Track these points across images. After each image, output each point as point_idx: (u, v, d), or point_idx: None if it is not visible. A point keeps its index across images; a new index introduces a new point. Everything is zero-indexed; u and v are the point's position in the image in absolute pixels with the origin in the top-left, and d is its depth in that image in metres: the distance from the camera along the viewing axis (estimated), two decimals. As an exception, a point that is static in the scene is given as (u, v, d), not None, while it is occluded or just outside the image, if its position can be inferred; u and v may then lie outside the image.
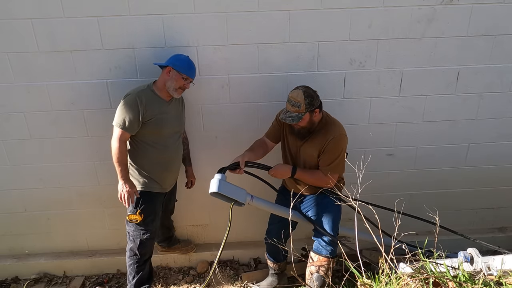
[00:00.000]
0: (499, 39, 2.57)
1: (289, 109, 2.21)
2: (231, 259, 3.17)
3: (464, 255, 1.74)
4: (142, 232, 2.43)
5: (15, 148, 2.69)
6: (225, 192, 2.08)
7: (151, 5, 2.34)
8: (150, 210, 2.42)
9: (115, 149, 2.22)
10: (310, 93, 2.18)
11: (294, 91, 2.21)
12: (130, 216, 2.38)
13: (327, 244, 2.29)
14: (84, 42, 2.40)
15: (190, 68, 2.33)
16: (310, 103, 2.16)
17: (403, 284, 1.57)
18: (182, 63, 2.30)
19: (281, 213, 2.42)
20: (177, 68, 2.27)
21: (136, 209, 2.37)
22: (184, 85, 2.31)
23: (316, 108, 2.20)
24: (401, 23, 2.48)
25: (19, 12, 2.30)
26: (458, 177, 3.04)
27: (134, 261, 2.50)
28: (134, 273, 2.52)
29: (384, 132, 2.82)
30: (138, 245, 2.45)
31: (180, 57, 2.32)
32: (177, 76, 2.27)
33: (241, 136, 2.72)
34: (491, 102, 2.77)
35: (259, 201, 2.31)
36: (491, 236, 3.20)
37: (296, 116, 2.17)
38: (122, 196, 2.29)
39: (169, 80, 2.29)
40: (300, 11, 2.41)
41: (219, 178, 2.10)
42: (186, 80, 2.31)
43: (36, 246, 3.08)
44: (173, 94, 2.32)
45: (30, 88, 2.51)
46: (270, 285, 2.80)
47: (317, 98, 2.22)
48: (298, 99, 2.15)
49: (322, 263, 2.27)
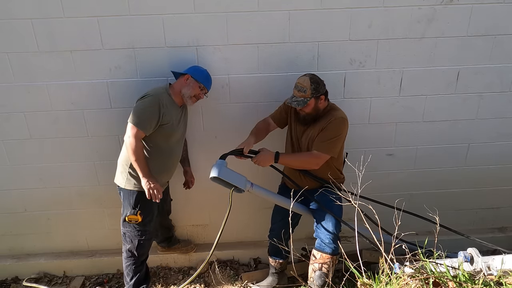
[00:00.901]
0: (499, 39, 2.57)
1: (295, 94, 2.27)
2: (231, 259, 3.17)
3: (464, 255, 1.74)
4: (140, 233, 2.43)
5: (15, 148, 2.69)
6: (225, 177, 2.11)
7: (151, 5, 2.34)
8: (148, 211, 2.42)
9: (133, 147, 2.18)
10: (316, 79, 2.26)
11: (301, 77, 2.28)
12: (130, 217, 2.38)
13: (330, 241, 2.29)
14: (84, 42, 2.40)
15: (208, 79, 2.41)
16: (316, 89, 2.22)
17: (403, 284, 1.58)
18: (201, 73, 2.38)
19: (281, 203, 2.45)
20: (195, 77, 2.34)
21: (135, 210, 2.36)
22: (199, 95, 2.36)
23: (321, 95, 2.27)
24: (401, 23, 2.48)
25: (19, 12, 2.30)
26: (458, 177, 3.04)
27: (132, 262, 2.50)
28: (132, 274, 2.51)
29: (384, 132, 2.82)
30: (136, 246, 2.45)
31: (199, 68, 2.41)
32: (194, 84, 2.32)
33: (241, 136, 2.72)
34: (491, 102, 2.77)
35: (259, 189, 2.33)
36: (491, 236, 3.20)
37: (301, 101, 2.23)
38: (151, 192, 2.25)
39: (186, 86, 2.32)
40: (300, 11, 2.41)
41: (220, 163, 2.14)
42: (202, 90, 2.37)
43: (36, 246, 3.08)
44: (187, 101, 2.35)
45: (30, 88, 2.51)
46: (270, 285, 2.80)
47: (323, 85, 2.29)
48: (305, 84, 2.22)
49: (325, 260, 2.28)
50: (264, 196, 2.40)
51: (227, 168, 2.16)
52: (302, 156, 2.37)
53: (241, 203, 2.65)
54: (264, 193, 2.38)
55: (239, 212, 2.74)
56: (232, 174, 2.17)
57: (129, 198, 2.38)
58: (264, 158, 2.29)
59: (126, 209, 2.41)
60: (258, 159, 2.29)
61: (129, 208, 2.38)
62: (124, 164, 2.37)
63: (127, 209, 2.39)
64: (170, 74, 2.51)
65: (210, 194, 2.93)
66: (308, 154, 2.33)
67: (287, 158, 2.37)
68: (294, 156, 2.43)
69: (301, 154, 2.40)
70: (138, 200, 2.37)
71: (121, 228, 2.46)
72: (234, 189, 2.20)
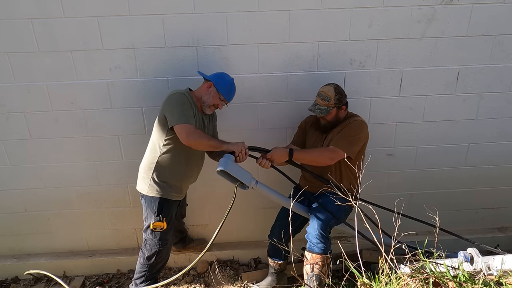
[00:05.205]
0: (499, 39, 2.57)
1: (318, 102, 2.35)
2: (231, 259, 3.17)
3: (464, 255, 1.74)
4: (161, 242, 2.38)
5: (15, 148, 2.69)
6: (232, 171, 2.12)
7: (151, 5, 2.34)
8: (169, 218, 2.38)
9: (199, 141, 2.14)
10: (340, 90, 2.36)
11: (325, 86, 2.36)
12: (155, 224, 2.31)
13: (318, 241, 2.29)
14: (84, 42, 2.40)
15: (231, 92, 2.33)
16: (339, 99, 2.32)
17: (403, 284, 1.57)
18: (225, 84, 2.29)
19: (283, 203, 2.46)
20: (218, 87, 2.26)
21: (160, 217, 2.31)
22: (218, 105, 2.31)
23: (343, 105, 2.37)
24: (401, 23, 2.48)
25: (19, 12, 2.30)
26: (458, 177, 3.04)
27: (147, 269, 2.46)
28: (144, 280, 2.48)
29: (384, 132, 2.82)
30: (155, 254, 2.41)
31: (225, 78, 2.31)
32: (215, 95, 2.27)
33: (241, 136, 2.72)
34: (491, 102, 2.77)
35: (263, 187, 2.34)
36: (491, 236, 3.20)
37: (324, 109, 2.32)
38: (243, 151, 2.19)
39: (206, 95, 2.27)
40: (300, 11, 2.41)
41: (228, 158, 2.16)
42: (222, 101, 2.31)
43: (36, 246, 3.08)
44: (205, 109, 2.30)
45: (30, 88, 2.51)
46: (270, 285, 2.79)
47: (345, 96, 2.39)
48: (329, 93, 2.31)
49: (316, 260, 2.28)
50: (267, 195, 2.40)
51: (234, 163, 2.17)
52: (316, 151, 2.39)
53: (242, 203, 2.65)
54: (268, 191, 2.37)
55: (240, 212, 2.74)
56: (238, 169, 2.18)
57: (152, 205, 2.33)
58: (279, 154, 2.28)
59: (149, 217, 2.35)
60: (272, 154, 2.28)
61: (152, 216, 2.33)
62: (147, 169, 2.33)
63: (151, 217, 2.34)
64: (170, 74, 2.52)
65: (210, 194, 2.93)
66: (324, 148, 2.36)
67: (302, 154, 2.36)
68: (308, 151, 2.44)
69: (316, 149, 2.42)
70: (162, 207, 2.32)
71: (143, 234, 2.41)
72: (239, 184, 2.21)
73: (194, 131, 2.14)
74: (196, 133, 2.15)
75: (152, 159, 2.31)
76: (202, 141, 2.18)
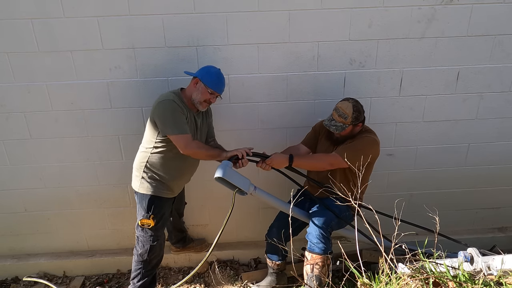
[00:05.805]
0: (499, 39, 2.57)
1: (335, 118, 2.29)
2: (231, 259, 3.17)
3: (464, 255, 1.74)
4: (152, 238, 2.40)
5: (15, 148, 2.69)
6: (230, 178, 2.11)
7: (151, 5, 2.34)
8: (160, 215, 2.39)
9: (197, 151, 2.19)
10: (359, 108, 2.27)
11: (343, 102, 2.29)
12: (142, 221, 2.34)
13: (318, 241, 2.29)
14: (84, 42, 2.40)
15: (218, 83, 2.25)
16: (357, 117, 2.26)
17: (403, 284, 1.57)
18: (211, 76, 2.22)
19: (282, 208, 2.44)
20: (204, 81, 2.20)
21: (148, 214, 2.33)
22: (209, 99, 2.25)
23: (359, 123, 2.31)
24: (401, 23, 2.48)
25: (19, 12, 2.30)
26: (458, 177, 3.04)
27: (142, 266, 2.47)
28: (140, 277, 2.49)
29: (384, 132, 2.81)
30: (148, 251, 2.42)
31: (210, 70, 2.25)
32: (204, 90, 2.21)
33: (241, 136, 2.72)
34: (491, 102, 2.77)
35: (262, 193, 2.33)
36: (491, 236, 3.21)
37: (340, 126, 2.27)
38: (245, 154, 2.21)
39: (195, 91, 2.22)
40: (300, 11, 2.41)
41: (226, 164, 2.14)
42: (212, 94, 2.24)
43: (36, 246, 3.08)
44: (197, 106, 2.26)
45: (30, 88, 2.51)
46: (269, 285, 2.79)
47: (363, 113, 2.31)
48: (347, 111, 2.24)
49: (316, 260, 2.28)
50: (266, 200, 2.39)
51: (232, 170, 2.15)
52: (317, 157, 2.38)
53: (242, 203, 2.65)
54: (267, 197, 2.37)
55: (240, 212, 2.74)
56: (236, 176, 2.15)
57: (142, 202, 2.35)
58: (279, 160, 2.28)
59: (139, 213, 2.38)
60: (272, 160, 2.27)
61: (142, 212, 2.35)
62: (138, 167, 2.35)
63: (141, 213, 2.37)
64: (170, 74, 2.52)
65: (210, 194, 2.93)
66: (325, 154, 2.33)
67: (302, 160, 2.34)
68: (308, 157, 2.42)
69: (316, 155, 2.39)
70: (151, 204, 2.34)
71: (136, 232, 2.44)
72: (237, 191, 2.19)
73: (191, 142, 2.17)
74: (193, 143, 2.18)
75: (143, 158, 2.32)
76: (201, 151, 2.22)
